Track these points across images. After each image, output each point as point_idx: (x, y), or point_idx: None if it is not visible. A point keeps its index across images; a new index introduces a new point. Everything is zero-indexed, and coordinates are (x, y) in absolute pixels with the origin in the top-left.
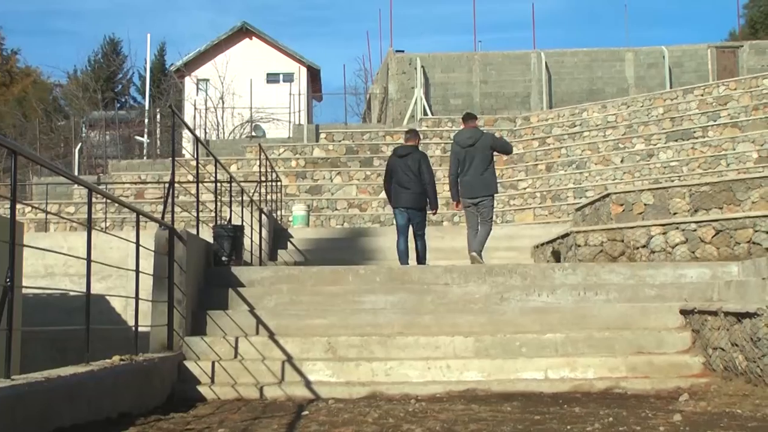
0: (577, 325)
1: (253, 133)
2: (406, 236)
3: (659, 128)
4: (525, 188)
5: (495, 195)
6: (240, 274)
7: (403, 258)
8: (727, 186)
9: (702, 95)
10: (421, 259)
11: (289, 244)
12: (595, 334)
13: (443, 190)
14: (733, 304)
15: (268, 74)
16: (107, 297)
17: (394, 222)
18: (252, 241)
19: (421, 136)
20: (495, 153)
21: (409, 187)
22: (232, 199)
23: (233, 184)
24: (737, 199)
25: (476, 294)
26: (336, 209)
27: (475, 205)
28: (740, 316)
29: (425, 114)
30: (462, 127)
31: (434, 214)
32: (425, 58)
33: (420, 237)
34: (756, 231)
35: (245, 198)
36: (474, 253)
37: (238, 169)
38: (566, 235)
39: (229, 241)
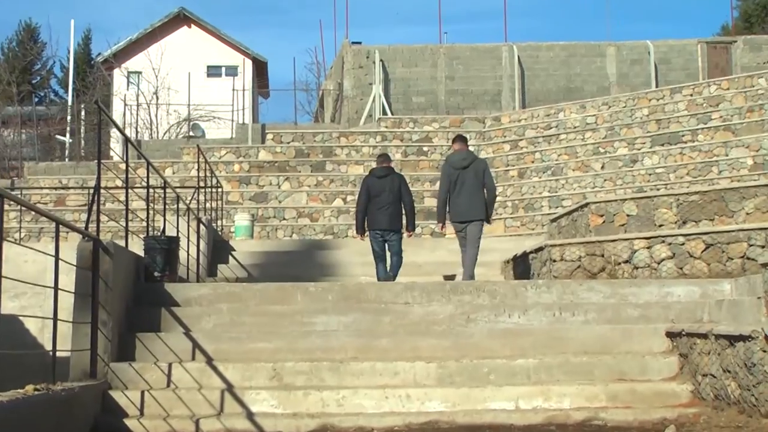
0: (551, 349)
1: (191, 133)
2: (386, 262)
3: (644, 131)
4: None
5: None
6: (174, 291)
7: (383, 275)
8: (718, 195)
9: (691, 95)
10: (395, 272)
11: (230, 257)
12: (572, 359)
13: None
14: (725, 325)
15: (208, 67)
16: (20, 317)
17: (372, 249)
18: (188, 254)
19: (380, 138)
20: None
21: (387, 209)
22: (167, 207)
23: (168, 190)
24: (730, 210)
25: (440, 314)
26: (284, 219)
27: (465, 228)
28: (733, 339)
29: (384, 113)
30: (454, 148)
31: (410, 236)
32: (385, 51)
33: (397, 254)
34: (750, 245)
35: (181, 206)
36: (468, 277)
37: (173, 173)
38: (540, 248)
39: (163, 254)
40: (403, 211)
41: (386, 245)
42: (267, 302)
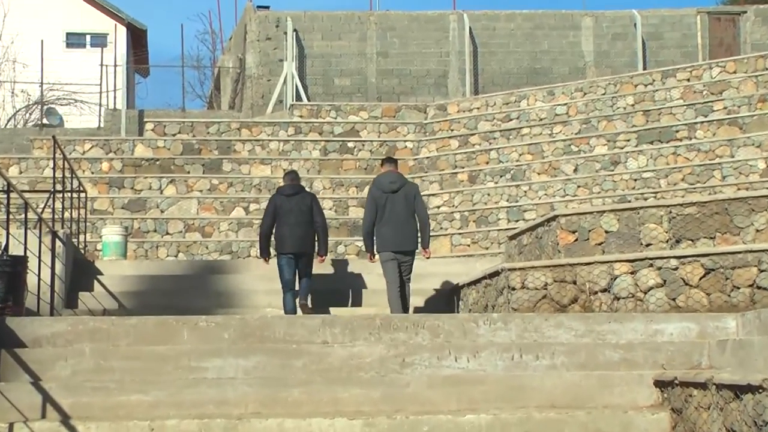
0: (509, 401)
1: (45, 121)
2: (295, 292)
3: (628, 125)
4: (439, 206)
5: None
6: (20, 328)
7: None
8: (721, 207)
9: (688, 80)
10: (305, 294)
11: (96, 283)
12: (536, 414)
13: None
14: (730, 373)
15: (68, 35)
16: None
17: (279, 275)
18: (40, 279)
19: (292, 131)
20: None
21: (298, 231)
22: (11, 217)
23: (12, 194)
24: (736, 226)
25: (367, 357)
26: (167, 233)
27: (395, 259)
28: (739, 390)
29: (299, 98)
30: (382, 170)
31: (322, 261)
32: (300, 19)
33: (308, 276)
34: (762, 271)
35: (31, 216)
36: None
37: (20, 173)
38: (496, 273)
39: (5, 279)
40: (315, 234)
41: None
42: (144, 341)
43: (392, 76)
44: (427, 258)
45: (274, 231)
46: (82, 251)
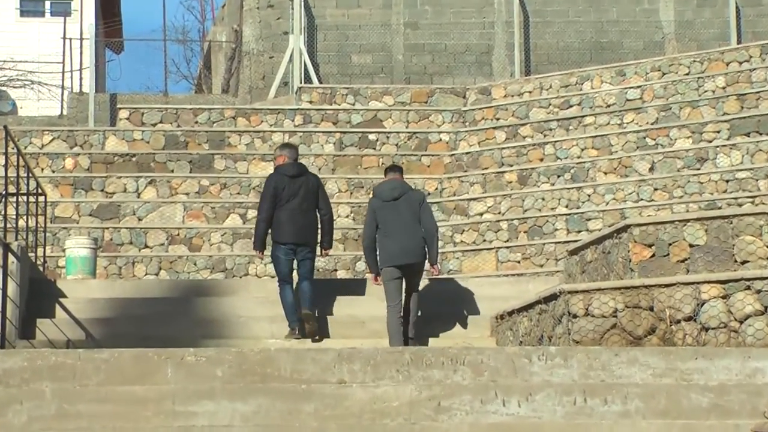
0: None
1: None
2: (293, 285)
3: (717, 113)
4: (481, 214)
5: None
6: None
7: (292, 313)
8: None
9: None
10: (309, 304)
11: (58, 308)
12: None
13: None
14: None
15: (22, 1)
16: None
17: (274, 267)
18: None
19: (300, 120)
20: None
21: (301, 218)
22: None
23: None
24: None
25: (394, 401)
26: (146, 246)
27: (401, 276)
28: None
29: (308, 80)
30: (386, 178)
31: (325, 255)
32: None
33: (308, 279)
34: None
35: None
36: (411, 340)
37: None
38: (553, 297)
39: None
40: (319, 223)
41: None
42: (118, 380)
43: (423, 53)
44: (436, 275)
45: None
46: (41, 268)
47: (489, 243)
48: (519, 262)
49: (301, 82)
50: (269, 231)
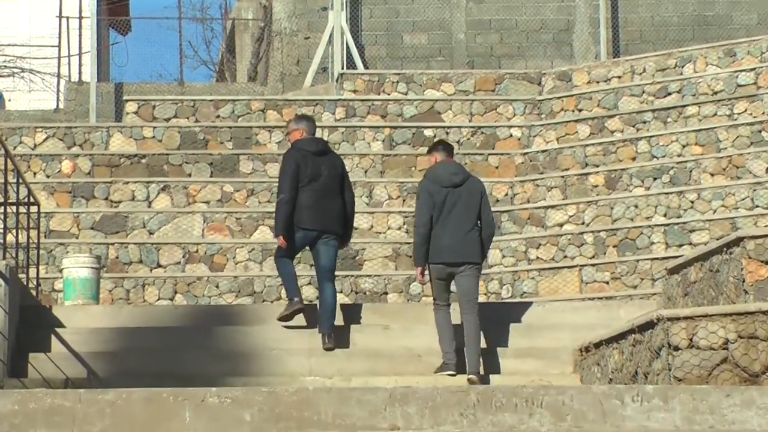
0: None
1: None
2: (295, 277)
3: None
4: (561, 224)
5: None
6: None
7: (292, 283)
8: None
9: None
10: (327, 325)
11: (55, 340)
12: None
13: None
14: None
15: None
16: None
17: (281, 245)
18: None
19: (342, 113)
20: None
21: (326, 202)
22: None
23: None
24: None
25: None
26: (159, 265)
27: (451, 276)
28: None
29: (351, 65)
30: (434, 159)
31: (343, 247)
32: None
33: (330, 278)
34: None
35: None
36: (473, 376)
37: None
38: (649, 324)
39: None
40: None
41: (314, 256)
42: (126, 427)
43: (490, 31)
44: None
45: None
46: (34, 292)
47: (571, 260)
48: (607, 282)
49: (342, 68)
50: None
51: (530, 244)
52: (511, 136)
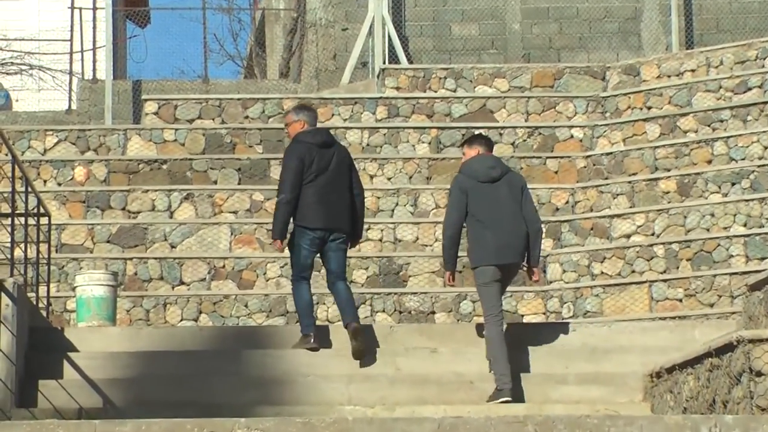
0: None
1: None
2: (308, 280)
3: None
4: (628, 236)
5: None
6: None
7: (308, 315)
8: None
9: None
10: (355, 313)
11: (67, 365)
12: None
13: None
14: None
15: None
16: None
17: (291, 258)
18: None
19: (384, 112)
20: None
21: (335, 197)
22: None
23: None
24: None
25: None
26: (182, 282)
27: (504, 277)
28: None
29: (394, 59)
30: (469, 153)
31: (353, 246)
32: None
33: (344, 280)
34: None
35: None
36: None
37: None
38: (728, 347)
39: None
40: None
41: (323, 260)
42: None
43: (548, 20)
44: (536, 281)
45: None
46: (44, 313)
47: (639, 275)
48: (681, 300)
49: (384, 62)
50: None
51: (594, 257)
52: (571, 137)
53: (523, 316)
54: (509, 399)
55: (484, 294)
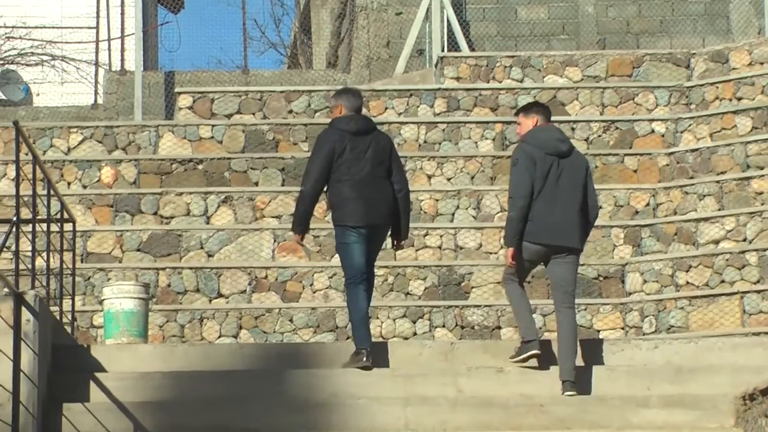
0: None
1: (1, 95)
2: (370, 284)
3: None
4: (717, 241)
5: None
6: None
7: (363, 327)
8: None
9: None
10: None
11: (94, 387)
12: None
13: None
14: None
15: None
16: None
17: (342, 261)
18: None
19: (442, 105)
20: None
21: (373, 189)
22: None
23: None
24: None
25: None
26: (220, 295)
27: (544, 261)
28: None
29: (453, 46)
30: (527, 123)
31: (399, 248)
32: None
33: (372, 274)
34: None
35: None
36: (568, 382)
37: None
38: None
39: None
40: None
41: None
42: None
43: (625, 2)
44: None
45: (326, 191)
46: (68, 329)
47: (730, 285)
48: None
49: (443, 50)
50: (328, 209)
51: (678, 266)
52: (652, 132)
53: (599, 331)
54: (538, 351)
55: (519, 266)
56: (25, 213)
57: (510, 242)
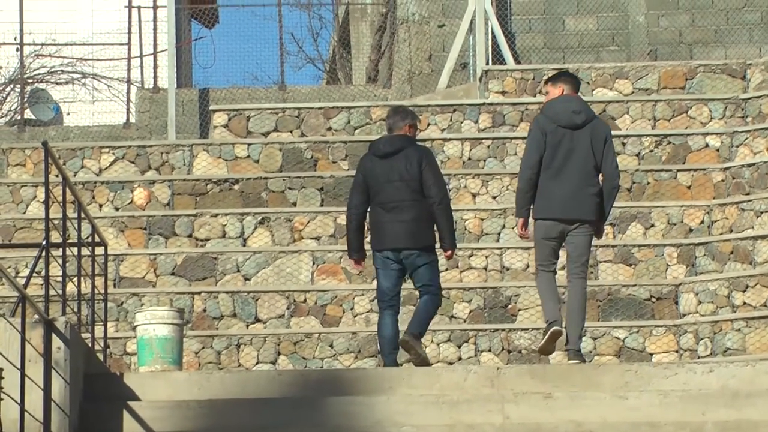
0: None
1: (30, 114)
2: (397, 310)
3: None
4: None
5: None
6: None
7: (389, 353)
8: None
9: None
10: (415, 327)
11: (127, 416)
12: None
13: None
14: None
15: None
16: None
17: (377, 285)
18: (24, 411)
19: (487, 120)
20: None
21: (402, 212)
22: None
23: None
24: None
25: None
26: (257, 320)
27: (562, 236)
28: None
29: (498, 59)
30: (553, 92)
31: (449, 257)
32: None
33: (429, 291)
34: None
35: (6, 293)
36: (572, 351)
37: None
38: None
39: None
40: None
41: (407, 277)
42: None
43: (677, 11)
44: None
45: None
46: (100, 356)
47: None
48: None
49: (487, 63)
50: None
51: (735, 286)
52: (707, 146)
53: (652, 354)
54: (558, 329)
55: (539, 247)
56: (56, 237)
57: (519, 212)
